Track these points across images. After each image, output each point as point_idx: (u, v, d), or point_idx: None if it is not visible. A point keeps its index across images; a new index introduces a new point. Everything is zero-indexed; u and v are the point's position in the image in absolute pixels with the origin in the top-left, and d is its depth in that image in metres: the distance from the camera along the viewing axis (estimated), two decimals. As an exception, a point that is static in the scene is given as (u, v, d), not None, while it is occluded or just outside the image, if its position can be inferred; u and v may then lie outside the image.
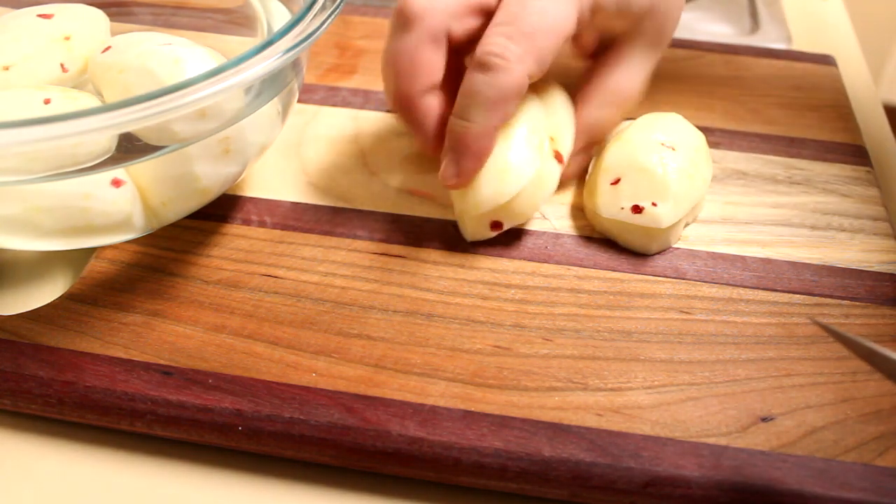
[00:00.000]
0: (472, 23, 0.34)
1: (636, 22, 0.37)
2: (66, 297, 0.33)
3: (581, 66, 0.40)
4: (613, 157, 0.37)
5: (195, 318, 0.32)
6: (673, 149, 0.36)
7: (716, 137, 0.43)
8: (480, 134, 0.33)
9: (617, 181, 0.36)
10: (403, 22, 0.34)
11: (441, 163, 0.34)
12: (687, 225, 0.37)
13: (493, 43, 0.32)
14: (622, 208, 0.35)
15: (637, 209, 0.35)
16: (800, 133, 0.44)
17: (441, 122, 0.35)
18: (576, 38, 0.40)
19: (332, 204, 0.38)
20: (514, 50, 0.32)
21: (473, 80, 0.33)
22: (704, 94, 0.46)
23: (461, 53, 0.36)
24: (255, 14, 0.40)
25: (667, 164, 0.35)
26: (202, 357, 0.31)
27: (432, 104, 0.35)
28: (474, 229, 0.36)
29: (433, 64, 0.34)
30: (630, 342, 0.32)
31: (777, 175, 0.41)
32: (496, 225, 0.35)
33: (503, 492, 0.29)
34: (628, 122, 0.39)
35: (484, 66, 0.32)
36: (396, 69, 0.34)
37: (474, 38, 0.34)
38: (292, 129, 0.43)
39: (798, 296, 0.34)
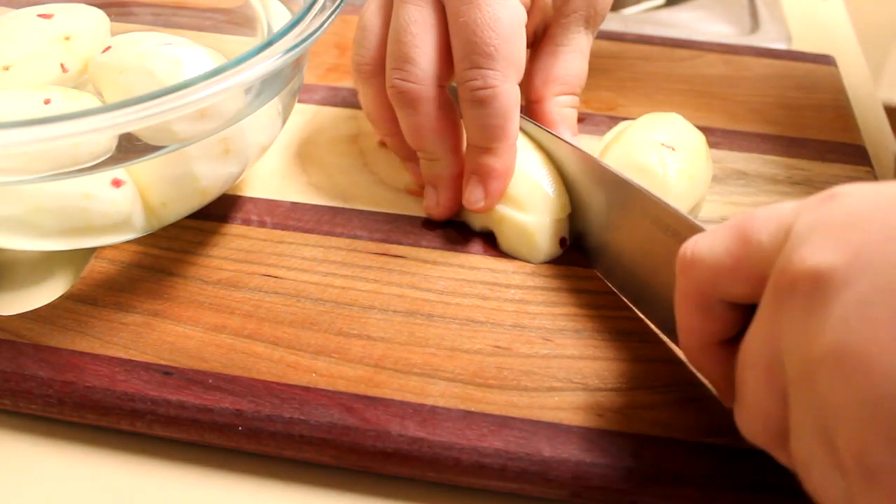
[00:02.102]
0: (450, 63, 0.35)
1: (566, 2, 0.37)
2: (66, 297, 0.33)
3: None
4: (613, 157, 0.37)
5: (195, 318, 0.32)
6: (673, 149, 0.36)
7: (716, 137, 0.43)
8: (504, 156, 0.35)
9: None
10: (406, 102, 0.34)
11: (459, 190, 0.36)
12: None
13: (471, 78, 0.33)
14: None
15: (563, 241, 0.35)
16: (800, 133, 0.44)
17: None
18: None
19: (332, 204, 0.38)
20: (492, 74, 0.33)
21: (474, 115, 0.34)
22: (704, 94, 0.46)
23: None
24: (255, 14, 0.40)
25: (667, 164, 0.35)
26: (202, 357, 0.31)
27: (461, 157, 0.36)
28: (549, 248, 0.35)
29: (455, 124, 0.35)
30: (630, 342, 0.32)
31: (777, 175, 0.41)
32: (563, 241, 0.36)
33: (503, 492, 0.29)
34: (627, 123, 0.39)
35: (477, 102, 0.33)
36: (427, 141, 0.35)
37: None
38: (292, 129, 0.43)
39: (798, 296, 0.34)
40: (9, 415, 0.31)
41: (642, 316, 0.33)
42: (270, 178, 0.40)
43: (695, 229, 0.28)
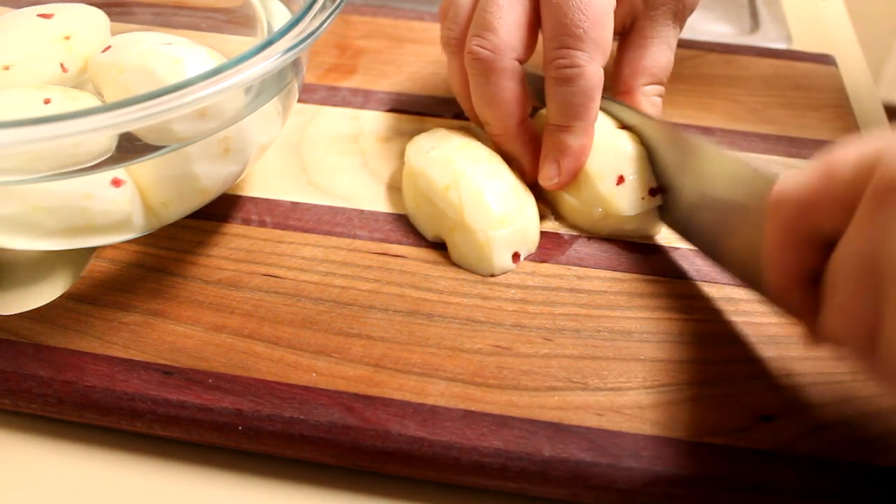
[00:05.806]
0: (531, 41, 0.36)
1: None
2: (66, 297, 0.33)
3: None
4: (594, 163, 0.36)
5: (195, 318, 0.32)
6: (623, 128, 0.37)
7: (716, 137, 0.43)
8: (581, 135, 0.36)
9: (621, 179, 0.36)
10: (483, 69, 0.36)
11: (531, 168, 0.37)
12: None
13: (559, 56, 0.34)
14: (643, 198, 0.36)
15: (654, 191, 0.36)
16: (800, 133, 0.44)
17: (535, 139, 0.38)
18: None
19: (332, 204, 0.38)
20: (579, 55, 0.34)
21: (558, 92, 0.35)
22: (704, 94, 0.46)
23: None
24: (255, 14, 0.40)
25: (634, 141, 0.36)
26: (202, 357, 0.31)
27: (530, 130, 0.37)
28: (500, 260, 0.35)
29: (521, 97, 0.36)
30: (630, 342, 0.32)
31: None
32: (516, 256, 0.35)
33: (503, 492, 0.29)
34: None
35: (561, 80, 0.35)
36: (493, 111, 0.37)
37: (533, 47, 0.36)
38: (292, 129, 0.43)
39: (798, 296, 0.34)
40: (9, 414, 0.31)
41: (716, 266, 0.34)
42: (270, 178, 0.40)
43: (773, 178, 0.29)
